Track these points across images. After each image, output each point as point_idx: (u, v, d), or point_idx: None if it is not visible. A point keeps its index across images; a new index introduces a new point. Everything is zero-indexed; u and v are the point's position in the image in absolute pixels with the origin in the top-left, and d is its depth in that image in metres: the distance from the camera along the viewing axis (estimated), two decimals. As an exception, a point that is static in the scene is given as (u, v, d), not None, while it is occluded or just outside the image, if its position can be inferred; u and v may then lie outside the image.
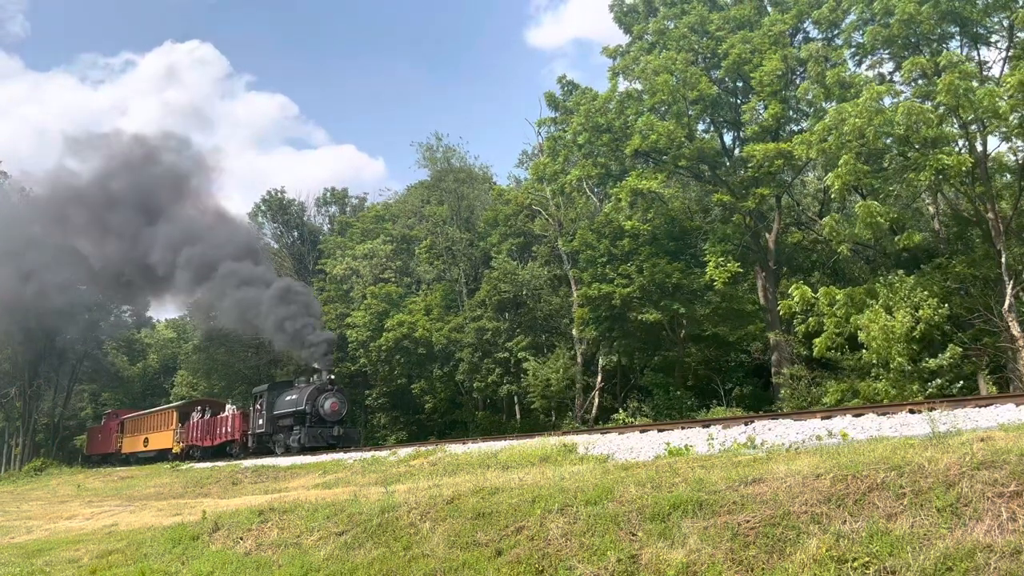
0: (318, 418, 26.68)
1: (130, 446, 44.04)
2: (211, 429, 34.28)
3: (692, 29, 27.08)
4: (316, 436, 26.24)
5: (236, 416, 32.40)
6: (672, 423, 13.63)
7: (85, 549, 12.06)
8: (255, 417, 30.70)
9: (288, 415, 28.03)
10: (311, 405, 26.77)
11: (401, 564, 7.36)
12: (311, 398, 26.97)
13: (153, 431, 41.36)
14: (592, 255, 29.63)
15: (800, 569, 5.08)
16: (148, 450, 41.05)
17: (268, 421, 29.45)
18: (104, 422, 50.06)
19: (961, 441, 6.07)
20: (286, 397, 28.78)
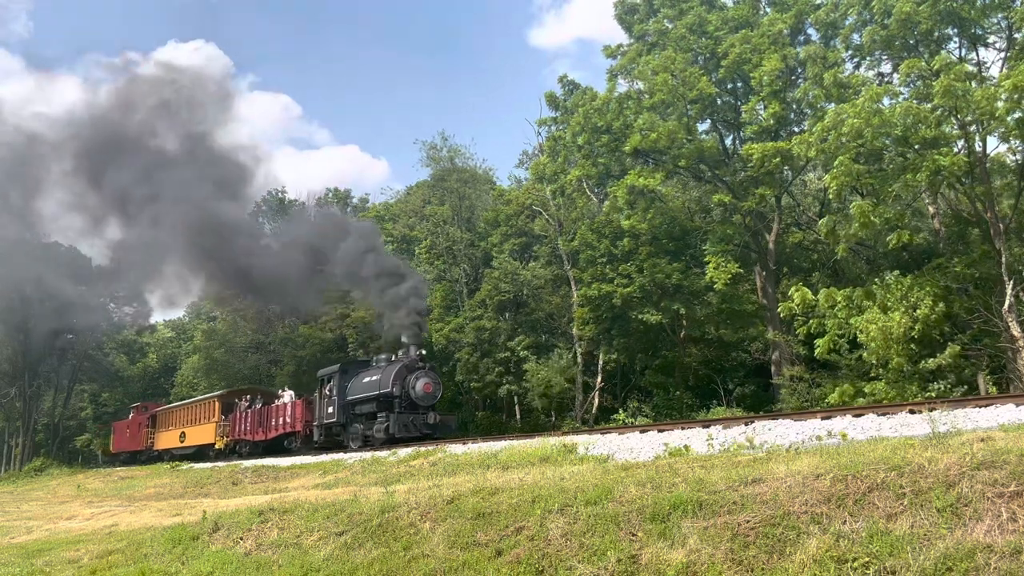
0: (409, 402, 22.19)
1: (163, 442, 39.91)
2: (264, 420, 29.86)
3: (691, 29, 27.10)
4: (407, 424, 21.78)
5: (297, 404, 27.69)
6: (672, 423, 13.62)
7: (85, 549, 12.06)
8: (323, 405, 25.84)
9: (367, 400, 23.34)
10: (400, 387, 22.16)
11: (401, 564, 7.36)
12: (399, 378, 22.29)
13: (191, 424, 36.89)
14: (592, 255, 29.65)
15: (800, 569, 5.08)
16: (185, 446, 36.80)
17: (340, 409, 24.62)
18: (132, 416, 45.59)
19: (961, 441, 6.07)
20: (364, 379, 23.94)
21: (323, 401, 25.94)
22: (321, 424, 25.84)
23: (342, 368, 25.47)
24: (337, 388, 25.09)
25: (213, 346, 48.02)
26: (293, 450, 27.30)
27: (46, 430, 57.07)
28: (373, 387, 23.10)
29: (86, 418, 62.91)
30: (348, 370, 25.37)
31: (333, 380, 25.55)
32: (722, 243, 25.63)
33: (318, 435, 25.95)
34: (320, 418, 25.95)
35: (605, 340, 30.07)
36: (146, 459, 40.75)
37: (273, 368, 44.32)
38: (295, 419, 27.49)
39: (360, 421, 24.04)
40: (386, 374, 22.79)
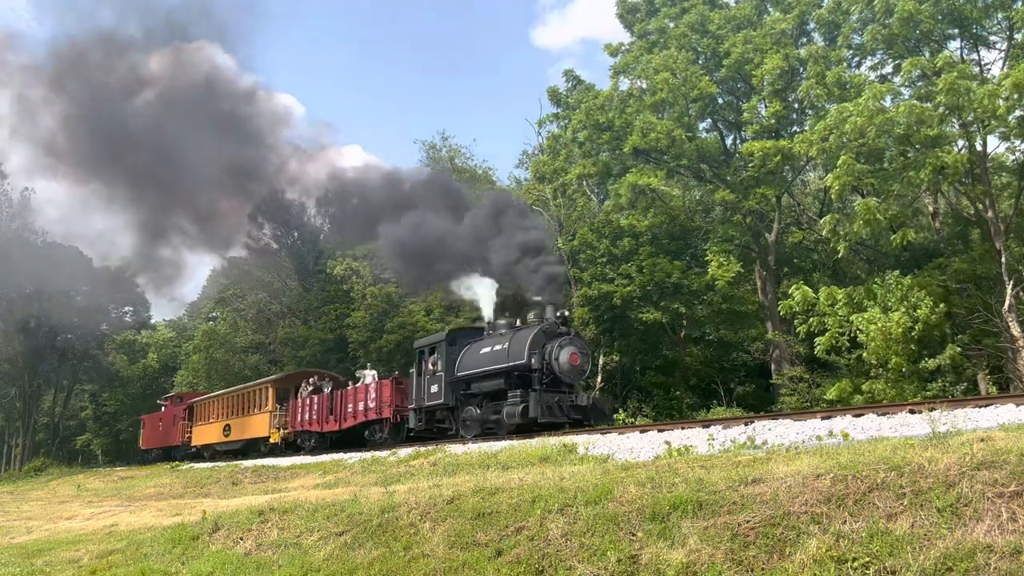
0: (551, 378, 17.49)
1: (202, 436, 35.43)
2: (337, 408, 24.98)
3: (692, 28, 27.12)
4: (551, 406, 17.01)
5: (385, 385, 22.74)
6: (672, 423, 13.63)
7: (85, 549, 12.06)
8: (422, 383, 20.85)
9: (491, 375, 18.51)
10: (539, 358, 17.43)
11: (401, 564, 7.37)
12: (536, 346, 17.51)
13: (237, 415, 32.19)
14: (592, 255, 29.65)
15: (800, 569, 5.08)
16: (231, 440, 32.25)
17: (448, 388, 19.76)
18: (165, 408, 41.53)
19: (961, 441, 6.07)
20: (483, 349, 19.12)
21: (422, 379, 20.81)
22: (420, 408, 20.71)
23: (449, 337, 20.44)
24: (444, 362, 20.01)
25: (213, 346, 48.06)
26: (377, 441, 22.63)
27: (46, 430, 57.14)
28: (499, 358, 18.22)
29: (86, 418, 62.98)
30: (457, 339, 20.35)
31: (437, 352, 20.49)
32: (724, 243, 25.65)
33: (415, 421, 20.90)
34: (418, 400, 20.86)
35: (605, 340, 30.07)
36: (182, 456, 37.22)
37: (273, 368, 44.39)
38: (381, 403, 22.61)
39: (477, 403, 19.19)
40: (517, 342, 17.99)
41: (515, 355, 17.79)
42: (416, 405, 20.96)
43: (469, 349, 19.76)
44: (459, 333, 21.15)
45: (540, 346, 17.61)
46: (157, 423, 41.30)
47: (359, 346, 39.00)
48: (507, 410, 17.46)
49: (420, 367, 21.18)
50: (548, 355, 17.54)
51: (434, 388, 20.26)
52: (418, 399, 20.89)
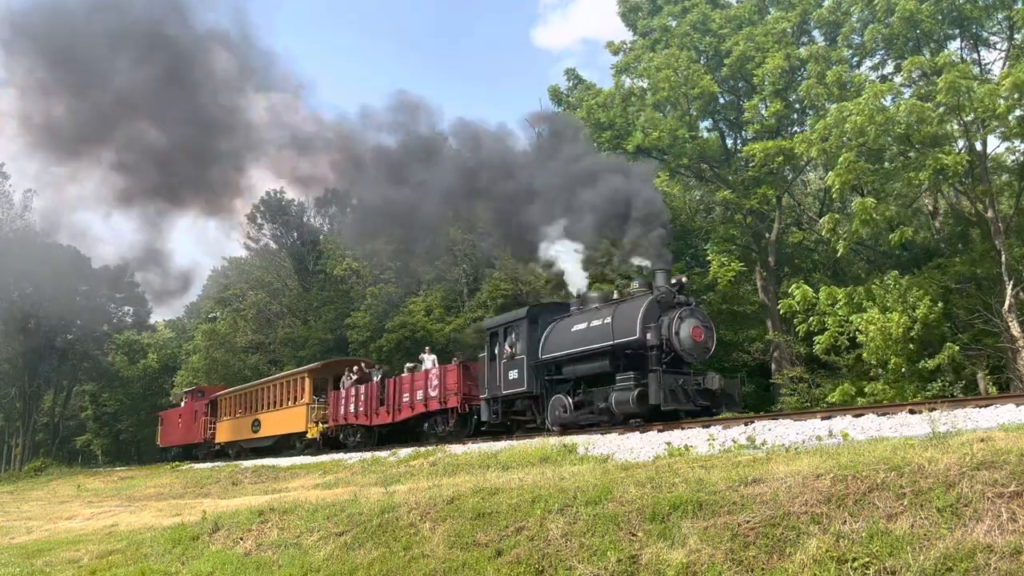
0: (672, 356, 14.58)
1: (228, 433, 32.69)
2: (390, 398, 22.08)
3: (694, 27, 27.12)
4: (676, 392, 14.20)
5: (450, 371, 19.89)
6: (672, 423, 13.61)
7: (85, 549, 12.07)
8: (496, 370, 18.04)
9: (591, 355, 15.61)
10: (656, 333, 14.45)
11: (401, 564, 7.37)
12: (650, 318, 14.61)
13: (268, 409, 29.37)
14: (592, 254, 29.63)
15: (800, 569, 5.08)
16: (261, 437, 29.45)
17: (531, 372, 16.97)
18: (185, 403, 38.80)
19: (961, 441, 6.06)
20: (576, 325, 16.20)
21: (496, 364, 18.08)
22: (496, 397, 17.95)
23: (530, 314, 17.60)
24: (525, 343, 17.24)
25: (213, 346, 48.07)
26: (439, 435, 20.06)
27: (46, 430, 57.15)
28: (600, 336, 15.36)
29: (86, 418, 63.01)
30: (540, 317, 17.53)
31: (515, 333, 17.71)
32: (724, 242, 25.66)
33: (488, 412, 18.21)
34: (491, 388, 18.09)
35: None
36: (205, 454, 34.86)
37: (274, 368, 44.44)
38: (445, 392, 19.82)
39: (568, 389, 16.46)
40: (625, 315, 15.05)
41: (623, 330, 14.79)
42: (490, 394, 18.06)
43: (556, 327, 16.88)
44: (541, 310, 18.14)
45: (655, 319, 14.62)
46: (176, 419, 38.71)
47: (359, 346, 39.00)
48: (616, 396, 14.48)
49: (492, 351, 18.31)
50: (666, 329, 14.52)
51: (513, 374, 17.45)
52: (491, 387, 18.01)
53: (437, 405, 20.13)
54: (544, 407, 16.97)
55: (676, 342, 14.55)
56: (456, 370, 19.80)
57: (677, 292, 15.38)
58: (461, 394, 19.45)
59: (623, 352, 15.09)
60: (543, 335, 17.11)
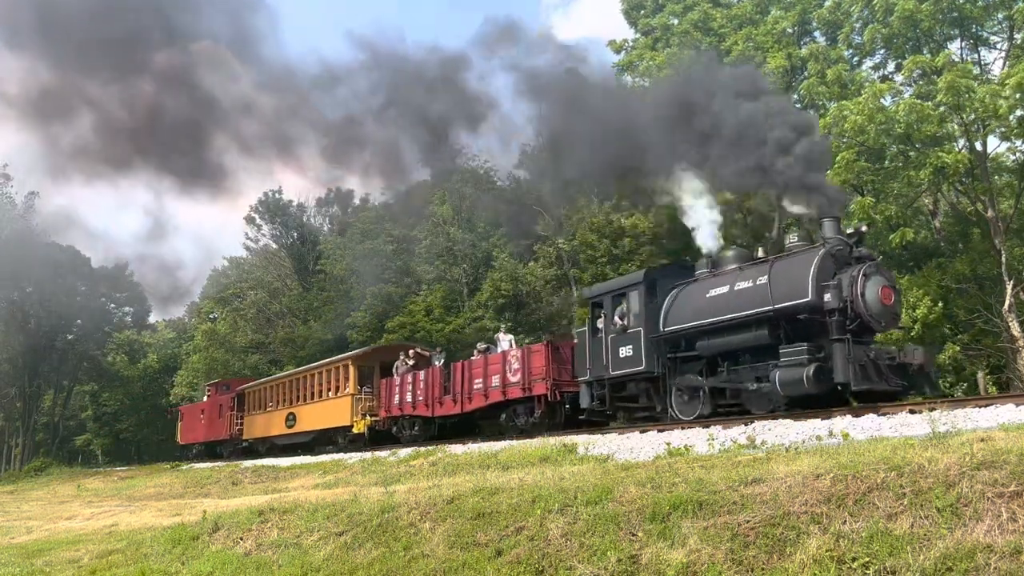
0: (857, 322, 11.71)
1: (258, 428, 30.00)
2: (457, 385, 19.31)
3: (695, 26, 27.14)
4: (867, 367, 11.44)
5: (535, 353, 17.11)
6: (672, 423, 13.60)
7: (85, 549, 12.07)
8: (600, 347, 15.27)
9: (736, 327, 12.84)
10: (836, 293, 11.70)
11: (401, 564, 7.37)
12: (824, 276, 11.88)
13: (305, 401, 26.70)
14: (592, 255, 29.65)
15: (800, 569, 5.08)
16: (295, 432, 26.78)
17: (652, 349, 14.20)
18: (208, 396, 35.87)
19: (961, 441, 6.06)
20: (712, 291, 13.42)
21: (603, 339, 15.30)
22: (601, 380, 15.20)
23: (648, 279, 14.79)
24: (641, 313, 14.49)
25: (213, 346, 48.10)
26: (521, 428, 17.41)
27: (46, 430, 57.15)
28: (751, 299, 12.54)
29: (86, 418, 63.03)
30: (660, 282, 14.68)
31: (628, 301, 14.93)
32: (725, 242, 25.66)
33: (589, 398, 15.51)
34: (594, 370, 15.36)
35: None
36: (231, 452, 32.21)
37: (274, 368, 44.50)
38: (529, 376, 17.02)
39: (699, 369, 13.74)
40: (789, 273, 12.29)
41: (788, 292, 12.04)
42: (592, 376, 15.38)
43: (683, 294, 14.14)
44: (660, 273, 15.30)
45: (830, 276, 11.88)
46: (198, 415, 35.86)
47: (359, 346, 39.01)
48: (783, 375, 11.63)
49: (595, 325, 15.69)
50: (849, 289, 11.71)
51: (625, 351, 14.63)
52: (594, 368, 15.31)
53: (519, 392, 17.25)
54: (666, 390, 14.21)
55: (861, 305, 11.62)
56: (543, 350, 16.89)
57: (854, 244, 12.44)
58: (550, 379, 16.57)
59: (788, 319, 12.17)
60: (665, 303, 14.24)
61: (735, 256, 14.32)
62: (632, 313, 14.81)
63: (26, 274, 47.26)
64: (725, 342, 13.15)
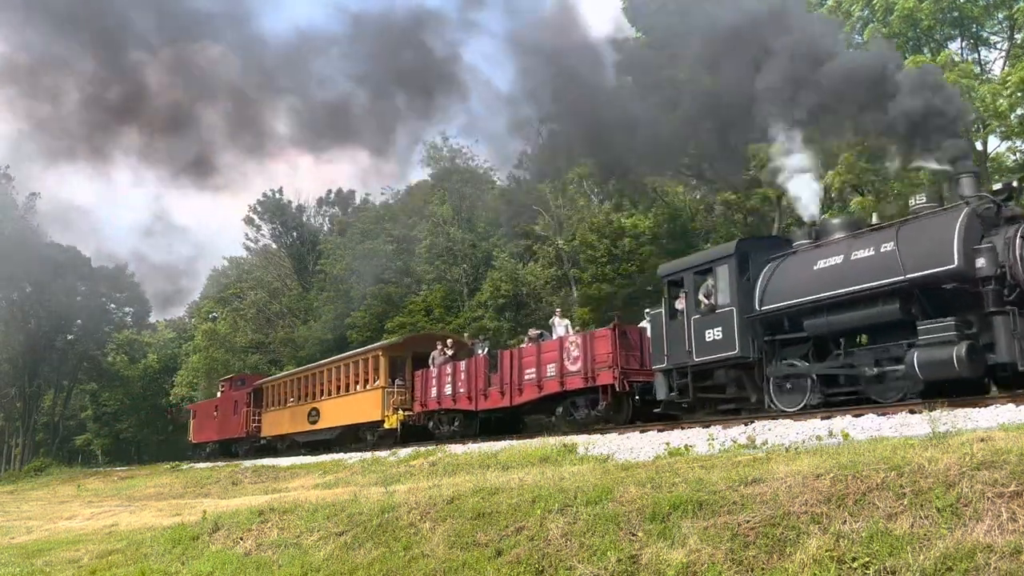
0: (1018, 293, 9.95)
1: (276, 425, 28.50)
2: (505, 375, 17.53)
3: None
4: None
5: (600, 338, 15.38)
6: (672, 423, 13.58)
7: (85, 549, 12.07)
8: (681, 330, 13.52)
9: (856, 302, 11.17)
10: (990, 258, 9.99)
11: (401, 564, 7.36)
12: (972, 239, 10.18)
13: (330, 396, 25.25)
14: (592, 255, 29.67)
15: (800, 569, 5.08)
16: (318, 429, 25.22)
17: (746, 331, 12.57)
18: (222, 393, 34.38)
19: (961, 441, 6.06)
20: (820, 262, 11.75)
21: (684, 322, 13.48)
22: (682, 366, 13.46)
23: (740, 251, 13.07)
24: (733, 290, 12.83)
25: (213, 346, 48.13)
26: (581, 422, 15.73)
27: (46, 430, 57.18)
28: (874, 270, 10.95)
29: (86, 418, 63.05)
30: (752, 255, 13.01)
31: (715, 277, 13.22)
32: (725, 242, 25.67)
33: (665, 388, 13.84)
34: (673, 356, 13.63)
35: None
36: (247, 450, 30.76)
37: (274, 368, 44.52)
38: (592, 365, 15.33)
39: (805, 353, 12.15)
40: (924, 236, 10.69)
41: (925, 259, 10.41)
42: (671, 364, 13.66)
43: (781, 268, 12.49)
44: (753, 244, 13.66)
45: (978, 239, 10.18)
46: (212, 412, 34.41)
47: (359, 346, 39.00)
48: (922, 355, 10.02)
49: (672, 306, 13.93)
50: (1005, 253, 9.98)
51: (713, 334, 12.97)
52: (674, 355, 13.62)
53: (580, 382, 15.63)
54: (762, 378, 12.61)
55: (1020, 271, 9.84)
56: (610, 335, 15.12)
57: (1002, 202, 10.51)
58: (618, 367, 14.83)
59: (927, 290, 10.53)
60: (761, 279, 12.60)
61: (843, 224, 12.63)
62: (720, 291, 13.02)
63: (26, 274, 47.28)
64: (840, 320, 11.41)
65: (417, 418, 21.07)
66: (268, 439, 29.28)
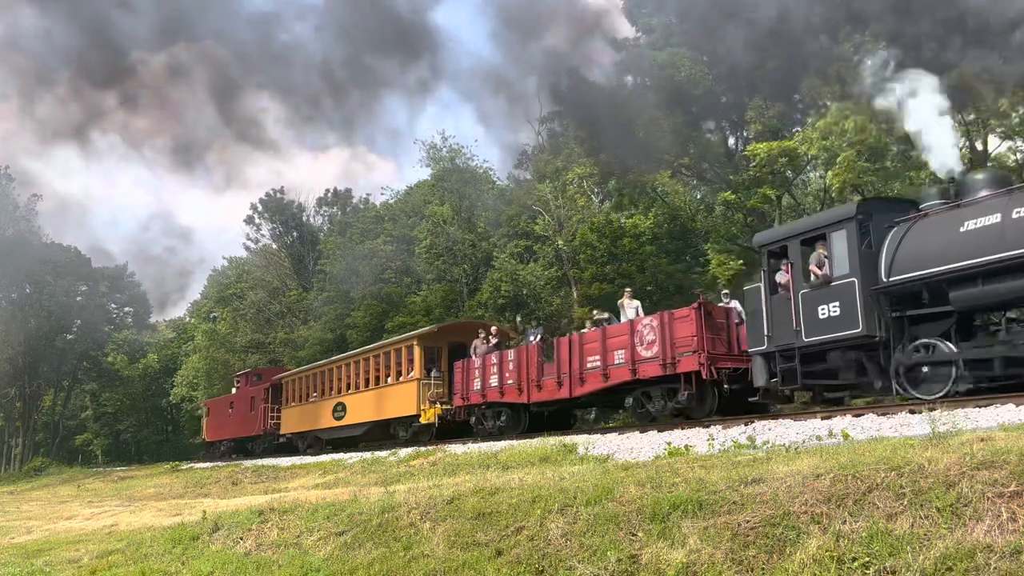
0: None
1: (298, 422, 27.02)
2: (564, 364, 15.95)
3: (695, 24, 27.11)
4: None
5: (682, 320, 13.65)
6: (672, 423, 13.57)
7: (85, 549, 12.06)
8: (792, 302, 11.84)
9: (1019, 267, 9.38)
10: None
11: (401, 564, 7.36)
12: None
13: (358, 389, 23.70)
14: (592, 254, 29.66)
15: (800, 569, 5.08)
16: (346, 424, 23.61)
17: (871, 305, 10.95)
18: (238, 388, 32.98)
19: (961, 441, 6.06)
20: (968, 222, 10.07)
21: (790, 296, 11.86)
22: (787, 349, 11.81)
23: (861, 213, 11.44)
24: (853, 258, 11.16)
25: (213, 346, 48.14)
26: (657, 414, 14.36)
27: (46, 430, 57.21)
28: None
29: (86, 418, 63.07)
30: (877, 216, 11.43)
31: (832, 244, 11.53)
32: (725, 241, 25.70)
33: (767, 374, 12.15)
34: (780, 335, 11.94)
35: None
36: (264, 449, 29.38)
37: (274, 368, 44.52)
38: (672, 350, 13.62)
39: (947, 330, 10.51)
40: None
41: None
42: (773, 346, 11.99)
43: (916, 231, 10.87)
44: (875, 206, 11.97)
45: None
46: (226, 409, 32.89)
47: (359, 346, 38.98)
48: None
49: (773, 280, 12.36)
50: None
51: (828, 309, 11.29)
52: (777, 335, 11.93)
53: (655, 370, 13.94)
54: (887, 360, 10.94)
55: None
56: (693, 315, 13.41)
57: None
58: (703, 351, 13.13)
59: None
60: (887, 245, 11.02)
61: (990, 179, 10.83)
62: (837, 260, 11.35)
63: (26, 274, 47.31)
64: (1000, 291, 9.63)
65: (456, 412, 19.58)
66: (288, 437, 27.99)
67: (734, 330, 13.81)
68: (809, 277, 11.73)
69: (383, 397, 22.20)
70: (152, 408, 59.84)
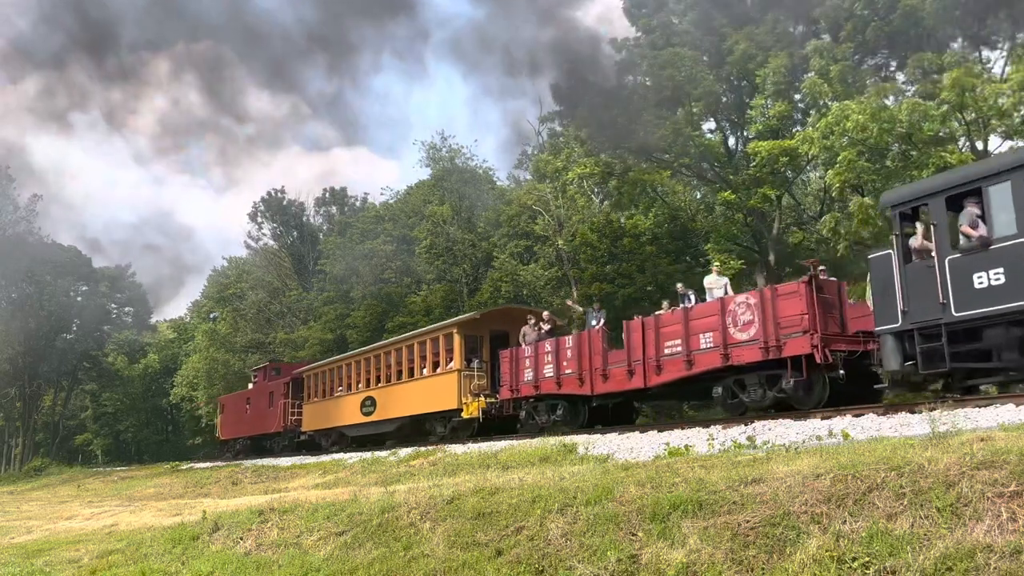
0: None
1: (321, 418, 25.44)
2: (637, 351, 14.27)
3: (696, 24, 27.13)
4: None
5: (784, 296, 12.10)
6: (672, 423, 13.58)
7: (85, 549, 12.06)
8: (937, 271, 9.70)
9: None
10: None
11: (401, 564, 7.36)
12: None
13: (390, 382, 22.11)
14: (592, 254, 29.67)
15: (800, 569, 5.08)
16: (376, 420, 22.24)
17: None
18: (254, 384, 31.76)
19: (961, 441, 6.06)
20: None
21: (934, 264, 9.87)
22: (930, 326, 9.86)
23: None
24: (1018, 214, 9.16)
25: (214, 346, 48.16)
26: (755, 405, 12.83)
27: (46, 430, 57.23)
28: None
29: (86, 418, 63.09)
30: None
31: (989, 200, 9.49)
32: (725, 241, 25.70)
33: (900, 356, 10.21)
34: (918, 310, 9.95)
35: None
36: (284, 446, 27.89)
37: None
38: (772, 330, 12.07)
39: None
40: None
41: None
42: (910, 322, 10.01)
43: None
44: None
45: None
46: (243, 405, 31.34)
47: (359, 346, 38.98)
48: None
49: (906, 244, 10.37)
50: None
51: (988, 278, 9.29)
52: (916, 310, 9.98)
53: (755, 354, 12.30)
54: None
55: None
56: (803, 291, 11.76)
57: None
58: (815, 332, 11.45)
59: None
60: None
61: None
62: (999, 218, 9.37)
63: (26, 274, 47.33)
64: None
65: (503, 406, 18.06)
66: (310, 434, 26.19)
67: (847, 308, 12.17)
68: (963, 239, 9.76)
69: (419, 390, 20.47)
70: (152, 408, 59.83)
